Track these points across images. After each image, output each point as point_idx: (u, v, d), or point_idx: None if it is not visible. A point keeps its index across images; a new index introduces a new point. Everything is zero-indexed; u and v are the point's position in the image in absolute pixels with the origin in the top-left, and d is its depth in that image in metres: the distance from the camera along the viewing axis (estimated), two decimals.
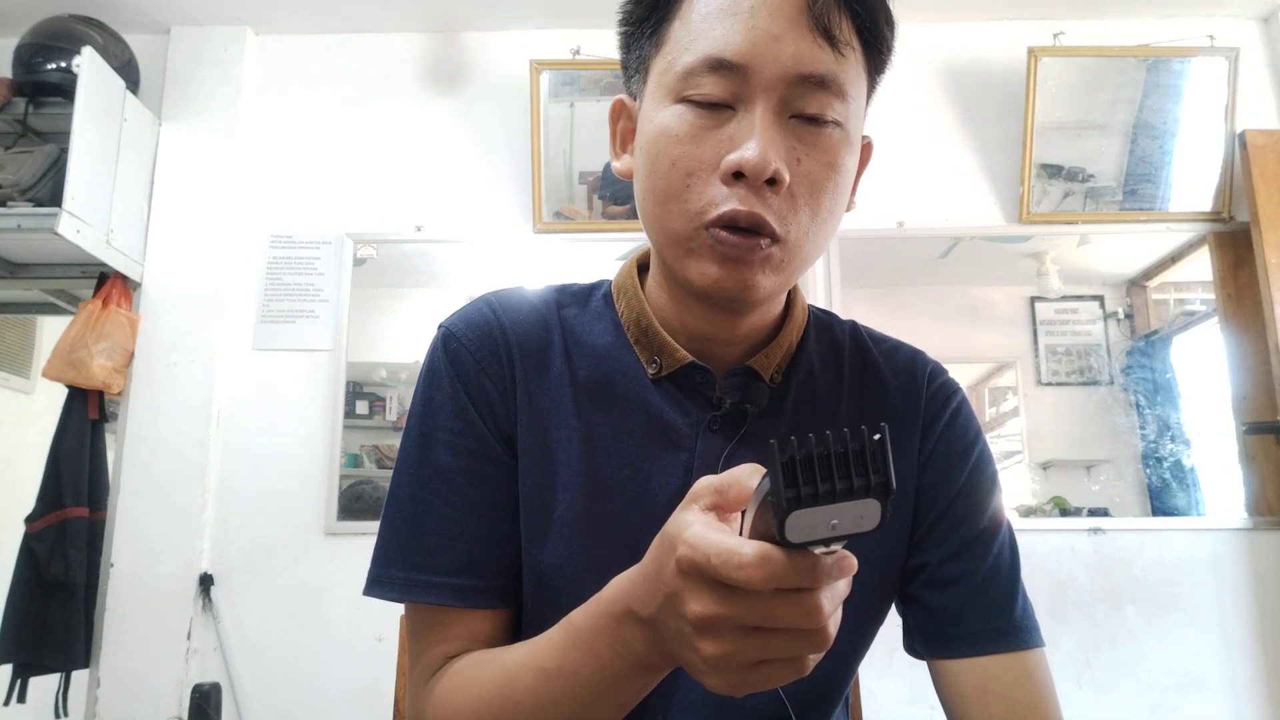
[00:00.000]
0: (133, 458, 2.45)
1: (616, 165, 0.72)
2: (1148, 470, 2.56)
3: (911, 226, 2.64)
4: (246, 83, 2.73)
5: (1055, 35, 2.63)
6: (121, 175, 2.46)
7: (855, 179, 0.70)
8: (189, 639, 2.35)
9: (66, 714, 2.31)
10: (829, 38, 0.61)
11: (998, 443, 2.71)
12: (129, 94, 2.50)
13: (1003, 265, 2.73)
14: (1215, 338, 2.59)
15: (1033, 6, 2.68)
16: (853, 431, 0.37)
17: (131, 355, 2.49)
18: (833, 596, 0.42)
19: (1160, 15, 2.71)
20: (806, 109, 0.61)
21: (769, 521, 0.39)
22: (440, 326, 0.74)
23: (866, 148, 0.72)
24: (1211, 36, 2.59)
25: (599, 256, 2.61)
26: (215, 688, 2.21)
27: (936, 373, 0.77)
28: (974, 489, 0.73)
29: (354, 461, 2.54)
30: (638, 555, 0.52)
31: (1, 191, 2.27)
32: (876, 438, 0.37)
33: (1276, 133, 2.58)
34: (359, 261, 2.64)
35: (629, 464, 0.69)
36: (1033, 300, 2.69)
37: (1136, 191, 2.63)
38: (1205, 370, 2.60)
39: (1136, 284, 2.72)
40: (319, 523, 2.46)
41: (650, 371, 0.71)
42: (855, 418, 0.73)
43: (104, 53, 2.43)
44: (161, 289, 2.56)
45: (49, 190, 2.31)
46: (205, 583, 2.39)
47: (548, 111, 2.65)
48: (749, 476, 0.45)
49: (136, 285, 2.55)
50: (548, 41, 2.68)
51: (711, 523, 0.45)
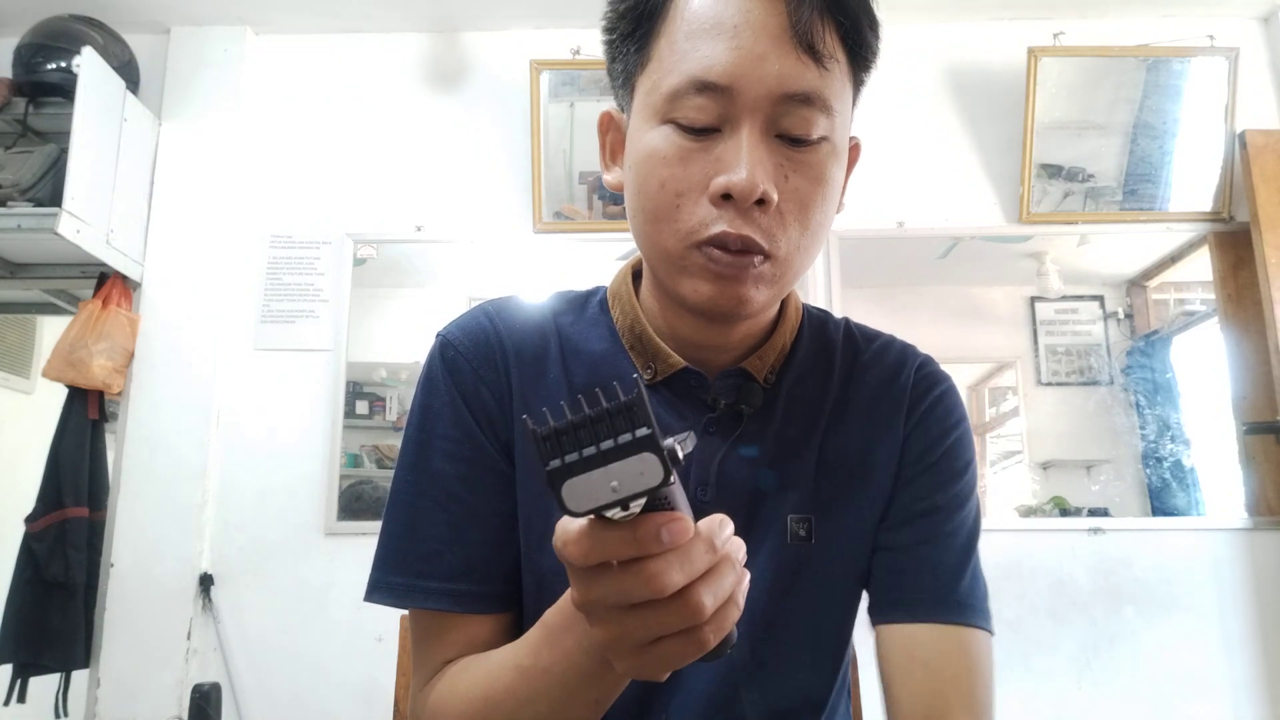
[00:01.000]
0: (133, 458, 2.45)
1: (608, 178, 0.73)
2: (1148, 470, 2.56)
3: (911, 226, 2.64)
4: (246, 83, 2.73)
5: (1055, 35, 2.63)
6: (121, 175, 2.46)
7: (844, 181, 0.71)
8: (189, 639, 2.35)
9: (66, 714, 2.31)
10: (813, 53, 0.61)
11: (998, 443, 2.71)
12: (129, 94, 2.50)
13: (1003, 265, 2.73)
14: (1215, 338, 2.59)
15: (1033, 6, 2.68)
16: (607, 392, 0.37)
17: (131, 355, 2.49)
18: (685, 563, 0.41)
19: (1160, 15, 2.71)
20: (793, 130, 0.61)
21: None
22: (438, 335, 0.74)
23: (854, 149, 0.72)
24: (1211, 36, 2.59)
25: (599, 256, 2.61)
26: (215, 688, 2.21)
27: (925, 363, 0.78)
28: (944, 466, 0.74)
29: (354, 461, 2.54)
30: None
31: (1, 191, 2.27)
32: (634, 392, 0.36)
33: (1276, 133, 2.58)
34: (359, 261, 2.64)
35: None
36: (1033, 300, 2.69)
37: (1136, 191, 2.63)
38: (1205, 370, 2.60)
39: (1136, 284, 2.72)
40: (319, 523, 2.46)
41: (646, 377, 0.72)
42: (843, 413, 0.74)
43: (104, 53, 2.43)
44: (161, 289, 2.56)
45: (49, 190, 2.31)
46: (205, 583, 2.39)
47: (548, 111, 2.65)
48: None
49: (136, 285, 2.55)
50: (548, 41, 2.68)
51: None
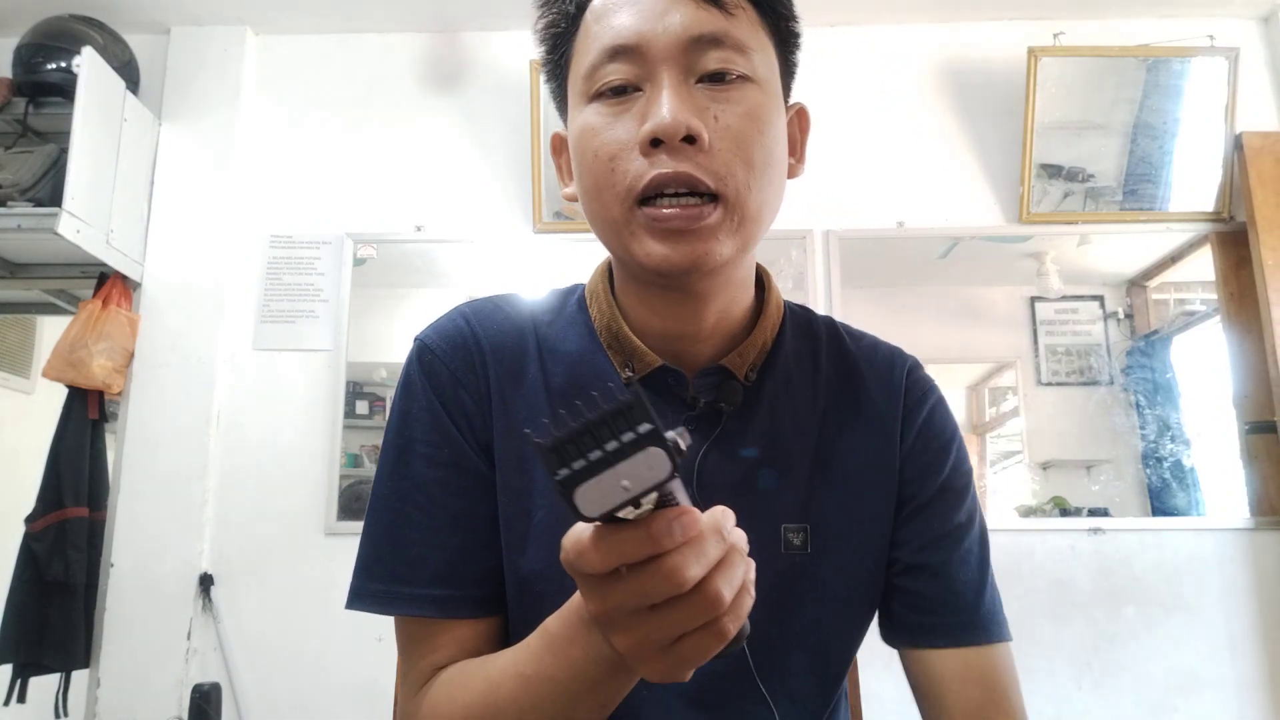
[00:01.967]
0: (133, 458, 2.45)
1: (565, 192, 0.74)
2: (1148, 470, 2.56)
3: (911, 226, 2.64)
4: (246, 83, 2.73)
5: (1055, 35, 2.62)
6: (121, 175, 2.46)
7: (800, 145, 0.72)
8: (189, 639, 2.35)
9: (66, 714, 2.31)
10: (713, 1, 0.63)
11: (998, 443, 2.71)
12: (129, 94, 2.50)
13: (1003, 265, 2.73)
14: (1216, 337, 2.59)
15: (1033, 6, 2.68)
16: (604, 395, 0.38)
17: (131, 355, 2.49)
18: (699, 554, 0.42)
19: (1160, 15, 2.71)
20: (709, 67, 0.63)
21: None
22: (415, 340, 0.74)
23: (801, 113, 0.73)
24: (1211, 36, 2.59)
25: (599, 257, 2.57)
26: (215, 688, 2.21)
27: (914, 369, 0.78)
28: (952, 484, 0.74)
29: (354, 461, 2.54)
30: None
31: (1, 191, 2.27)
32: (631, 390, 0.38)
33: (1274, 135, 2.58)
34: (359, 261, 2.64)
35: None
36: (1033, 300, 2.69)
37: (1136, 191, 2.63)
38: (1206, 370, 2.60)
39: (1136, 284, 2.72)
40: (319, 523, 2.46)
41: (624, 375, 0.71)
42: (833, 414, 0.74)
43: (104, 53, 2.43)
44: (161, 289, 2.56)
45: (49, 190, 2.31)
46: (205, 583, 2.39)
47: (547, 111, 2.65)
48: None
49: (136, 285, 2.55)
50: None
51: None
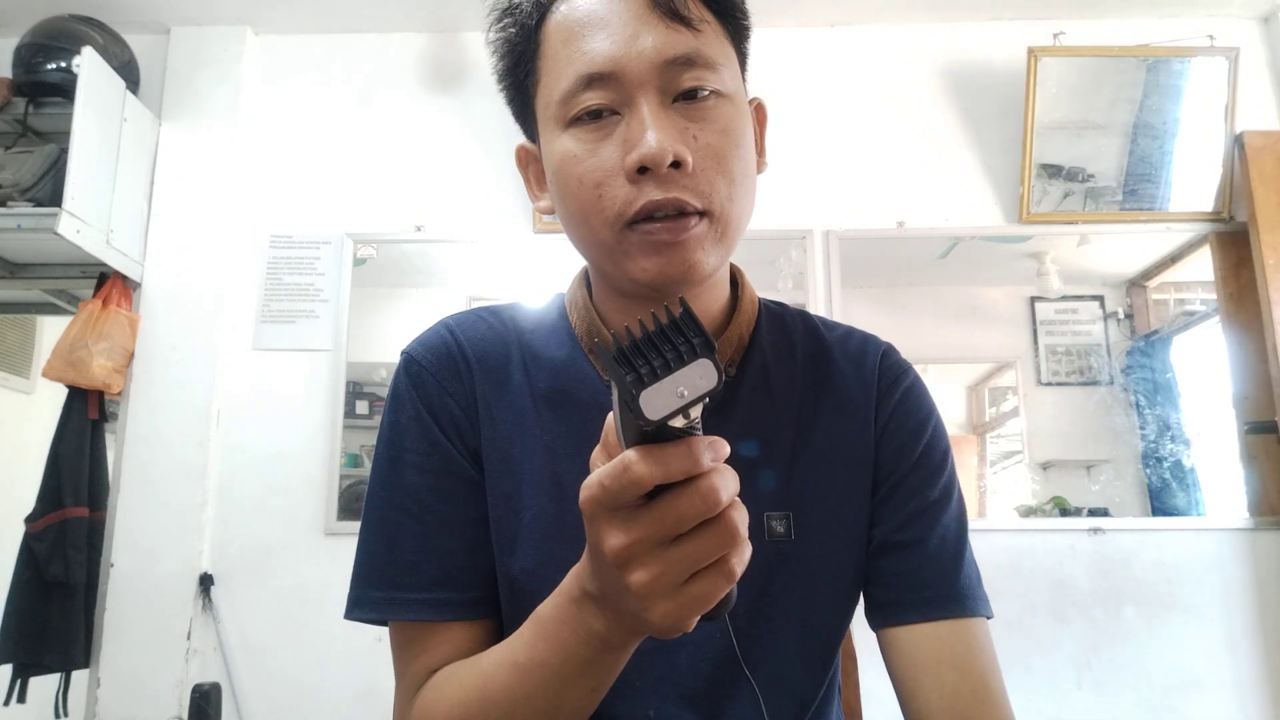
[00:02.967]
0: (133, 458, 2.45)
1: (539, 205, 0.75)
2: (1148, 470, 2.56)
3: (911, 226, 2.64)
4: (246, 83, 2.73)
5: (1055, 35, 2.63)
6: (121, 175, 2.46)
7: (759, 141, 0.73)
8: (189, 639, 2.35)
9: (66, 714, 2.31)
10: (681, 19, 0.64)
11: (998, 443, 2.71)
12: (129, 94, 2.50)
13: (1003, 265, 2.73)
14: (1216, 337, 2.59)
15: (1033, 6, 2.68)
16: (658, 312, 0.41)
17: (131, 355, 2.49)
18: (726, 483, 0.44)
19: (1160, 15, 2.71)
20: (683, 87, 0.64)
21: (631, 423, 0.42)
22: (402, 353, 0.77)
23: (759, 109, 0.75)
24: (1211, 36, 2.59)
25: None
26: (215, 688, 2.21)
27: (889, 353, 0.79)
28: (927, 461, 0.75)
29: (354, 461, 2.54)
30: None
31: (1, 191, 2.27)
32: (684, 308, 0.41)
33: (1274, 134, 2.58)
34: (359, 261, 2.64)
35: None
36: (1033, 300, 2.69)
37: (1136, 191, 2.63)
38: (1206, 370, 2.60)
39: (1136, 284, 2.72)
40: (319, 523, 2.46)
41: (606, 379, 0.72)
42: (810, 404, 0.75)
43: (104, 53, 2.43)
44: (161, 289, 2.56)
45: (49, 190, 2.31)
46: (205, 583, 2.39)
47: None
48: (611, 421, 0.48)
49: (136, 285, 2.55)
50: None
51: (598, 464, 0.47)
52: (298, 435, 2.52)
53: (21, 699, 2.22)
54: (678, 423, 0.41)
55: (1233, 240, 2.59)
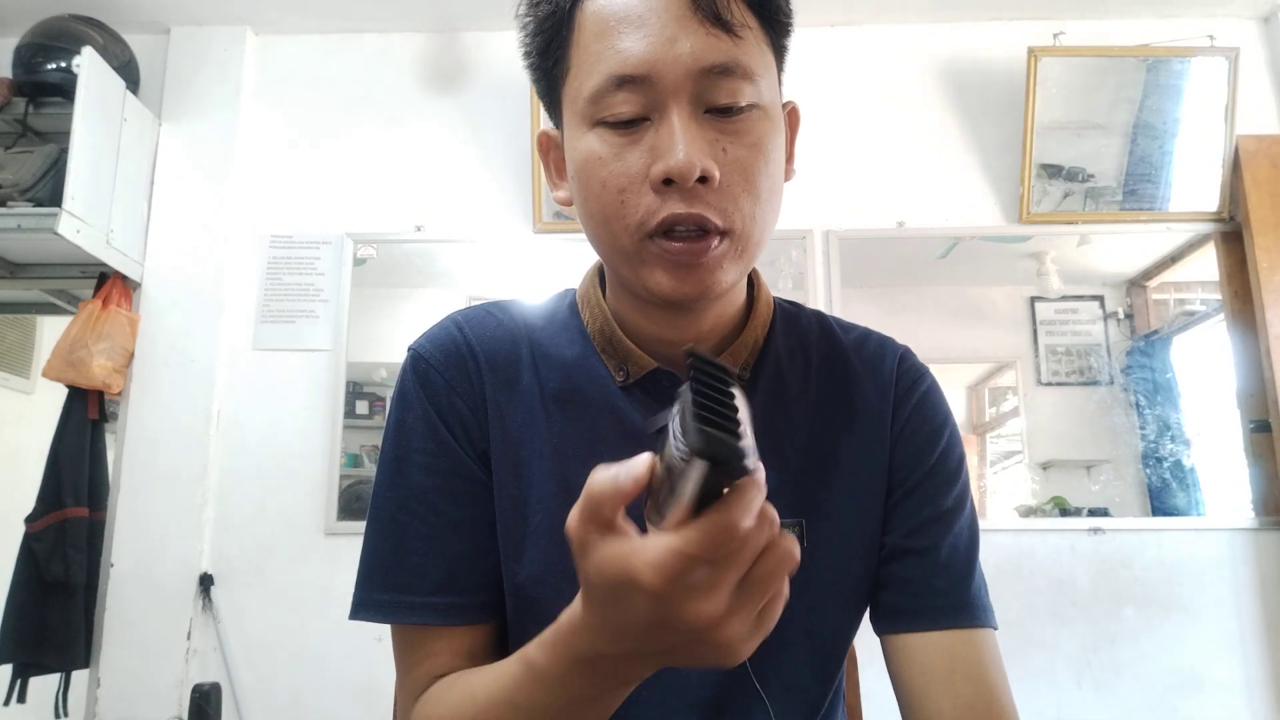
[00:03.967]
0: (133, 458, 2.45)
1: (557, 195, 0.73)
2: (1148, 470, 2.56)
3: (911, 226, 2.64)
4: (246, 83, 2.73)
5: (1055, 35, 2.63)
6: (121, 175, 2.46)
7: (789, 147, 0.71)
8: (189, 639, 2.35)
9: (66, 714, 2.31)
10: (722, 24, 0.61)
11: (998, 443, 2.71)
12: (129, 94, 2.50)
13: (1003, 265, 2.73)
14: (1217, 337, 2.60)
15: (1033, 6, 2.68)
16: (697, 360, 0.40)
17: (131, 355, 2.49)
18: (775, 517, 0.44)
19: (1160, 15, 2.71)
20: (718, 100, 0.61)
21: (694, 486, 0.39)
22: (409, 349, 0.74)
23: (792, 114, 0.72)
24: (1211, 36, 2.59)
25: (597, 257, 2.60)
26: (215, 688, 2.21)
27: (905, 356, 0.78)
28: (941, 468, 0.74)
29: (354, 461, 2.54)
30: None
31: (1, 191, 2.27)
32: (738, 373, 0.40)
33: (1269, 138, 2.59)
34: (359, 261, 2.64)
35: None
36: (1033, 300, 2.69)
37: (1136, 191, 2.63)
38: (1207, 370, 2.60)
39: (1136, 284, 2.72)
40: (319, 523, 2.46)
41: (619, 379, 0.71)
42: (825, 408, 0.74)
43: (104, 53, 2.43)
44: (161, 289, 2.56)
45: (49, 190, 2.31)
46: (205, 583, 2.39)
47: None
48: (623, 468, 0.44)
49: (136, 285, 2.55)
50: None
51: (654, 538, 0.43)
52: (298, 435, 2.52)
53: (21, 699, 2.22)
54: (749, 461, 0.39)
55: (1236, 238, 2.59)
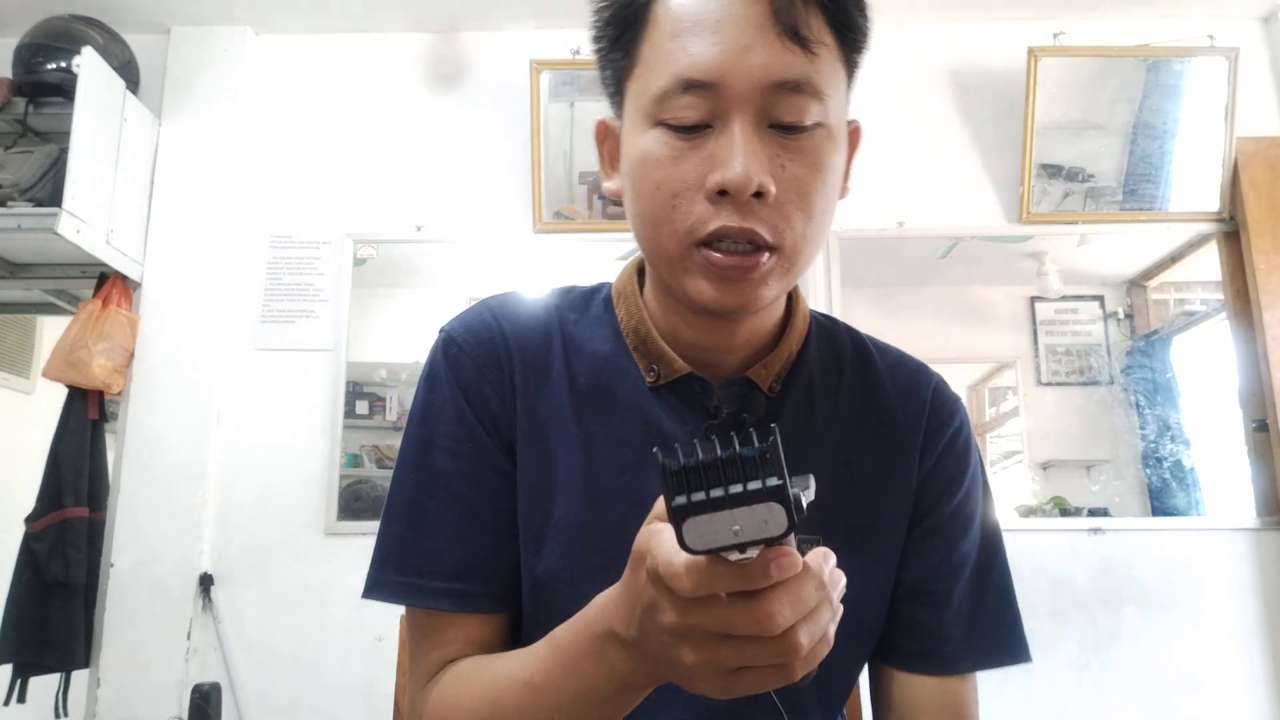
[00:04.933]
0: (133, 458, 2.45)
1: (608, 185, 0.72)
2: (1148, 470, 2.56)
3: (911, 226, 2.64)
4: (246, 83, 2.73)
5: (1055, 35, 2.62)
6: (121, 175, 2.46)
7: (846, 165, 0.70)
8: (189, 639, 2.35)
9: (66, 714, 2.31)
10: (799, 39, 0.59)
11: (998, 442, 2.71)
12: (129, 94, 2.50)
13: (1003, 265, 2.73)
14: (1218, 336, 2.60)
15: (1033, 6, 2.68)
16: (744, 437, 0.37)
17: (131, 355, 2.49)
18: (796, 602, 0.41)
19: (1160, 15, 2.71)
20: (784, 117, 0.60)
21: None
22: (441, 331, 0.73)
23: (854, 132, 0.70)
24: (1211, 36, 2.59)
25: (599, 256, 2.61)
26: (215, 688, 2.20)
27: (940, 387, 0.77)
28: (965, 509, 0.73)
29: (354, 461, 2.54)
30: None
31: (1, 191, 2.27)
32: (770, 440, 0.36)
33: (1266, 140, 2.59)
34: (359, 261, 2.64)
35: (627, 471, 0.69)
36: (1033, 300, 2.69)
37: (1136, 191, 2.63)
38: (1208, 369, 2.60)
39: (1136, 284, 2.72)
40: (319, 523, 2.46)
41: (649, 379, 0.71)
42: (854, 426, 0.73)
43: (104, 53, 2.43)
44: (161, 289, 2.56)
45: (49, 190, 2.31)
46: (205, 583, 2.39)
47: (548, 111, 2.65)
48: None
49: (136, 285, 2.55)
50: (548, 41, 2.68)
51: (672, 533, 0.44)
52: (298, 435, 2.52)
53: (21, 699, 2.22)
54: (731, 556, 0.38)
55: (1237, 238, 2.59)
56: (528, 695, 0.57)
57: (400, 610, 0.73)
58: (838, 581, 0.45)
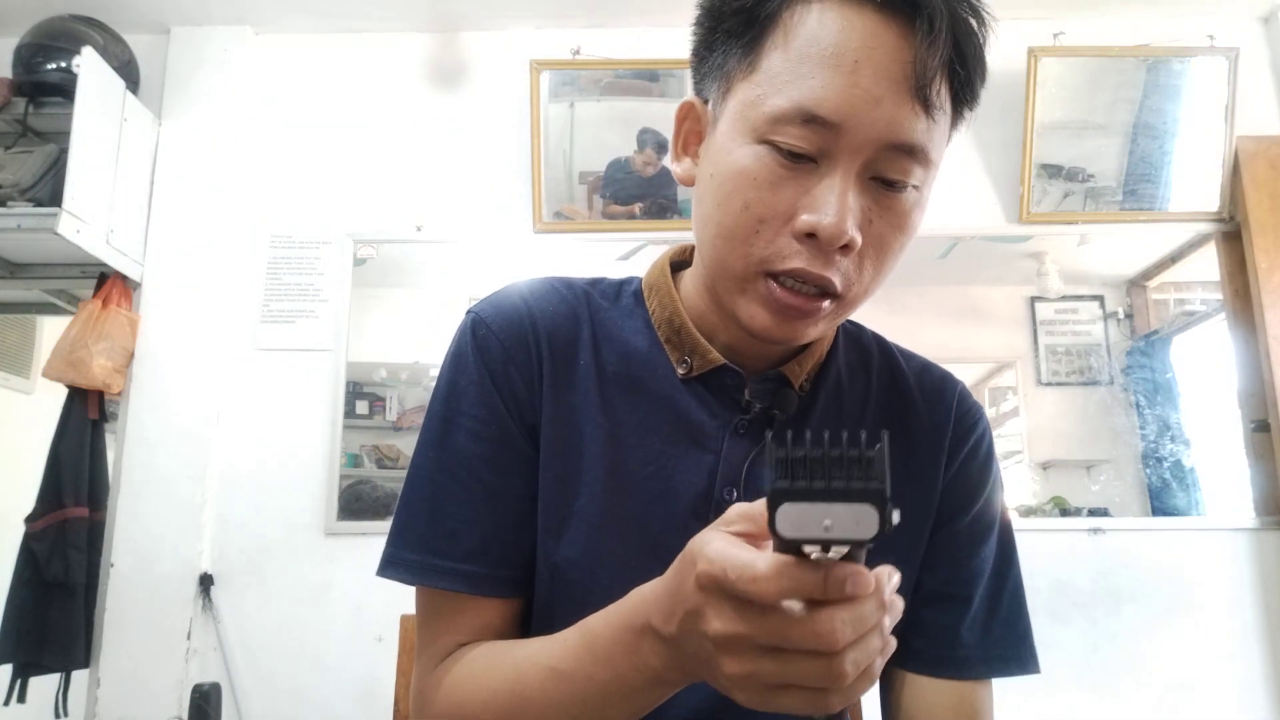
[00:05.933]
0: (133, 458, 2.45)
1: (676, 169, 0.70)
2: (1148, 470, 2.56)
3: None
4: (246, 83, 2.73)
5: (1055, 35, 2.62)
6: (121, 175, 2.46)
7: None
8: (189, 639, 2.35)
9: (66, 714, 2.31)
10: (926, 104, 0.58)
11: (998, 443, 2.70)
12: (129, 94, 2.50)
13: (1003, 265, 2.73)
14: (1217, 336, 2.59)
15: (1033, 6, 2.68)
16: (852, 438, 0.38)
17: (131, 355, 2.49)
18: (857, 620, 0.41)
19: (1160, 15, 2.70)
20: (889, 174, 0.60)
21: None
22: (469, 312, 0.73)
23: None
24: (1211, 36, 2.59)
25: (599, 256, 2.61)
26: (215, 688, 2.20)
27: (965, 395, 0.78)
28: (986, 516, 0.74)
29: (354, 461, 2.54)
30: (657, 553, 0.53)
31: (1, 191, 2.27)
32: (878, 446, 0.37)
33: (1268, 139, 2.59)
34: (359, 261, 2.64)
35: (653, 461, 0.69)
36: (1033, 300, 2.69)
37: (1136, 191, 2.62)
38: (1208, 369, 2.60)
39: (1136, 284, 2.72)
40: (319, 523, 2.46)
41: (680, 371, 0.71)
42: (880, 429, 0.73)
43: (104, 53, 2.43)
44: (161, 289, 2.56)
45: (49, 190, 2.31)
46: (205, 583, 2.39)
47: (548, 111, 2.65)
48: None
49: (136, 285, 2.55)
50: (548, 41, 2.68)
51: (733, 540, 0.44)
52: (298, 435, 2.52)
53: (21, 699, 2.22)
54: (811, 551, 0.39)
55: (1237, 238, 2.59)
56: (552, 682, 0.57)
57: (401, 610, 0.73)
58: (895, 606, 0.44)
